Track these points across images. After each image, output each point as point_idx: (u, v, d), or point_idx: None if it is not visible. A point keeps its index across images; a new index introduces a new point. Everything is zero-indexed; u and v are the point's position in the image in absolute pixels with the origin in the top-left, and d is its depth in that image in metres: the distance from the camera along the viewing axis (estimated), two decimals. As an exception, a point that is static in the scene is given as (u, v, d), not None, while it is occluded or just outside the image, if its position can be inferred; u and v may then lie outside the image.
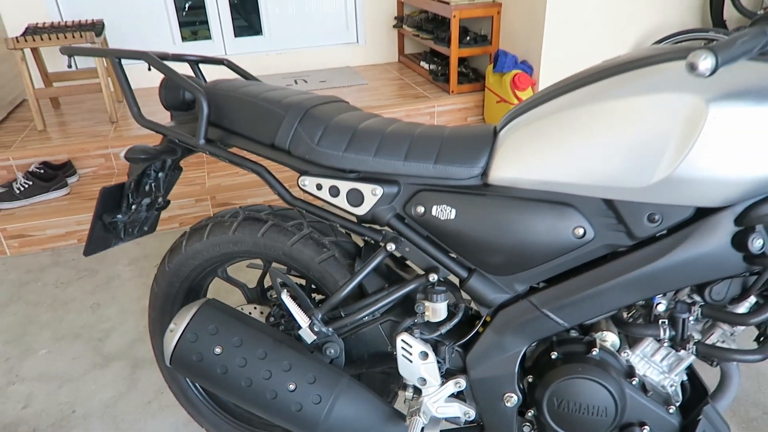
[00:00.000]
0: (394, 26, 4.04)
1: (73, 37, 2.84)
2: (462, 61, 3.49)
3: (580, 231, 0.91)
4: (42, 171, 2.59)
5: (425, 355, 1.05)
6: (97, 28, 3.06)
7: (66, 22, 3.20)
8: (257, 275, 2.23)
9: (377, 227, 1.07)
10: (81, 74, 3.33)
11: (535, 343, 1.07)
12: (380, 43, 4.18)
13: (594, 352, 0.99)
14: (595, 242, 0.92)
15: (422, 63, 3.74)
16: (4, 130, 3.03)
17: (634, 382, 0.99)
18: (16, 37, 2.75)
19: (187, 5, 3.93)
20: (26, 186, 2.54)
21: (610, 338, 1.05)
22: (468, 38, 3.26)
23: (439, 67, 3.52)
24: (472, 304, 1.15)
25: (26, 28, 3.01)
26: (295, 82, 3.70)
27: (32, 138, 2.90)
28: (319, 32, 4.10)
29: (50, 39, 2.81)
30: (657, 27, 3.06)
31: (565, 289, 0.96)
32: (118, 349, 1.89)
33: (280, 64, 4.03)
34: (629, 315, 1.08)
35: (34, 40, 2.78)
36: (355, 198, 1.02)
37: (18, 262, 2.45)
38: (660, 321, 0.98)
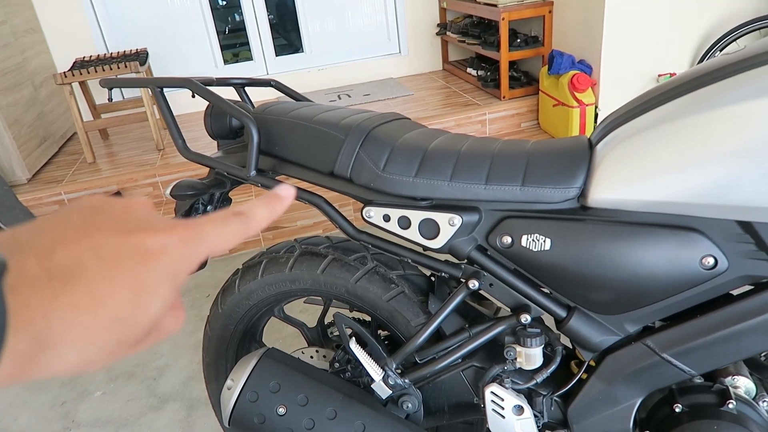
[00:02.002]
0: (437, 33, 3.91)
1: (119, 68, 2.83)
2: (512, 64, 3.31)
3: (710, 261, 0.74)
4: (93, 204, 2.57)
5: (520, 409, 0.89)
6: (141, 57, 3.06)
7: (111, 53, 3.22)
8: (315, 310, 2.11)
9: (455, 261, 0.93)
10: (127, 104, 3.34)
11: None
12: (423, 52, 4.05)
13: (730, 405, 0.81)
14: (729, 273, 0.75)
15: (469, 69, 3.59)
16: (56, 165, 3.05)
17: (783, 441, 0.81)
18: (64, 72, 2.76)
19: (227, 28, 3.92)
20: (78, 220, 2.52)
21: (744, 384, 0.88)
22: (518, 40, 3.09)
23: (488, 73, 3.37)
24: (562, 341, 0.99)
25: (74, 63, 3.04)
26: (339, 98, 3.62)
27: (83, 171, 2.91)
28: (361, 45, 4.01)
29: (96, 71, 2.81)
30: (728, 16, 2.81)
31: (691, 330, 0.79)
32: (173, 388, 1.81)
33: (323, 80, 3.96)
34: (765, 355, 0.91)
35: (81, 74, 2.79)
36: (430, 229, 0.88)
37: (72, 297, 2.42)
38: (813, 365, 0.80)
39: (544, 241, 0.83)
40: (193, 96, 1.09)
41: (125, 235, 0.29)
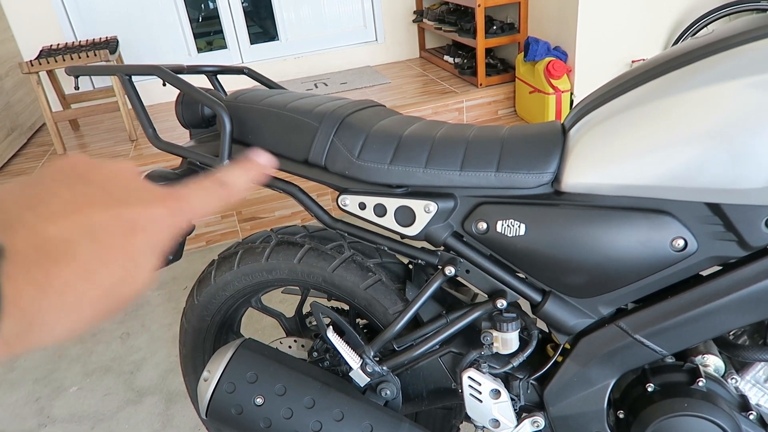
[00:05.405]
0: (414, 21, 3.89)
1: (87, 56, 2.76)
2: (488, 51, 3.32)
3: (680, 242, 0.76)
4: (64, 196, 2.52)
5: (497, 393, 0.90)
6: (111, 45, 2.99)
7: (80, 41, 3.14)
8: (294, 300, 2.09)
9: (431, 248, 0.93)
10: (98, 94, 3.27)
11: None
12: (400, 39, 4.03)
13: (700, 383, 0.83)
14: (699, 255, 0.76)
15: (446, 57, 3.58)
16: (25, 157, 2.97)
17: (751, 417, 0.83)
18: (30, 61, 2.68)
19: (200, 16, 3.85)
20: (49, 213, 2.46)
21: (713, 362, 0.90)
22: (494, 27, 3.09)
23: (465, 60, 3.36)
24: (539, 325, 1.00)
25: (41, 51, 2.95)
26: (315, 86, 3.58)
27: (53, 162, 2.84)
28: (337, 33, 3.97)
29: (64, 60, 2.73)
30: (699, 2, 2.85)
31: (662, 311, 0.80)
32: (151, 382, 1.79)
33: (299, 69, 3.92)
34: (733, 334, 0.93)
35: (48, 62, 2.71)
36: (405, 217, 0.88)
37: (45, 292, 2.37)
38: (780, 342, 0.83)
39: (519, 227, 0.83)
40: (164, 84, 1.06)
41: (115, 209, 0.29)
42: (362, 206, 0.90)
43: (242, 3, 3.76)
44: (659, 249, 0.77)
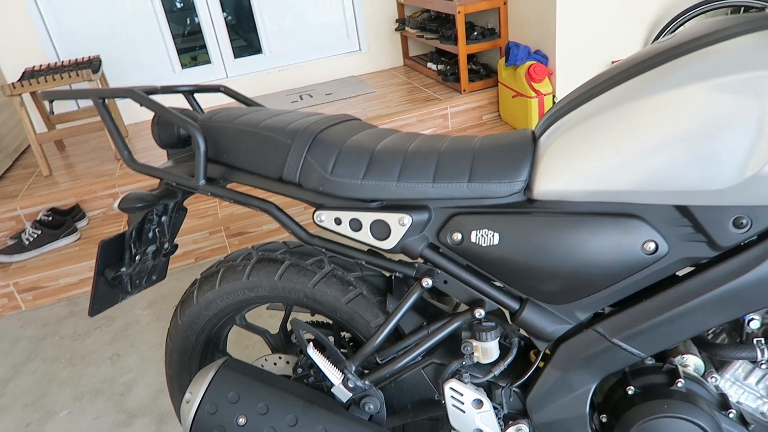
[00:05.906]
0: (396, 29, 3.92)
1: (70, 76, 2.76)
2: (471, 57, 3.34)
3: (651, 245, 0.76)
4: (50, 219, 2.51)
5: (479, 403, 0.90)
6: (94, 65, 2.98)
7: (63, 62, 3.13)
8: (279, 316, 2.09)
9: (409, 260, 0.93)
10: (83, 113, 3.26)
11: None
12: (383, 48, 4.05)
13: (679, 384, 0.84)
14: (670, 257, 0.77)
15: (429, 64, 3.60)
16: (10, 179, 2.96)
17: (731, 415, 0.84)
18: (13, 83, 2.67)
19: (184, 32, 3.85)
20: (35, 236, 2.45)
21: (693, 362, 0.90)
22: (475, 33, 3.11)
23: (448, 67, 3.38)
24: (521, 332, 1.00)
25: (23, 73, 2.94)
26: (301, 98, 3.59)
27: (38, 184, 2.83)
28: (320, 44, 3.99)
29: (47, 81, 2.73)
30: (677, 0, 2.88)
31: (638, 314, 0.81)
32: (142, 403, 1.77)
33: (284, 81, 3.93)
34: (711, 333, 0.93)
35: (30, 84, 2.70)
36: (381, 230, 0.89)
37: (34, 315, 2.36)
38: (755, 340, 0.83)
39: (493, 236, 0.84)
40: (141, 105, 1.07)
41: None
42: (338, 221, 0.90)
43: (225, 17, 3.78)
44: (631, 253, 0.77)
